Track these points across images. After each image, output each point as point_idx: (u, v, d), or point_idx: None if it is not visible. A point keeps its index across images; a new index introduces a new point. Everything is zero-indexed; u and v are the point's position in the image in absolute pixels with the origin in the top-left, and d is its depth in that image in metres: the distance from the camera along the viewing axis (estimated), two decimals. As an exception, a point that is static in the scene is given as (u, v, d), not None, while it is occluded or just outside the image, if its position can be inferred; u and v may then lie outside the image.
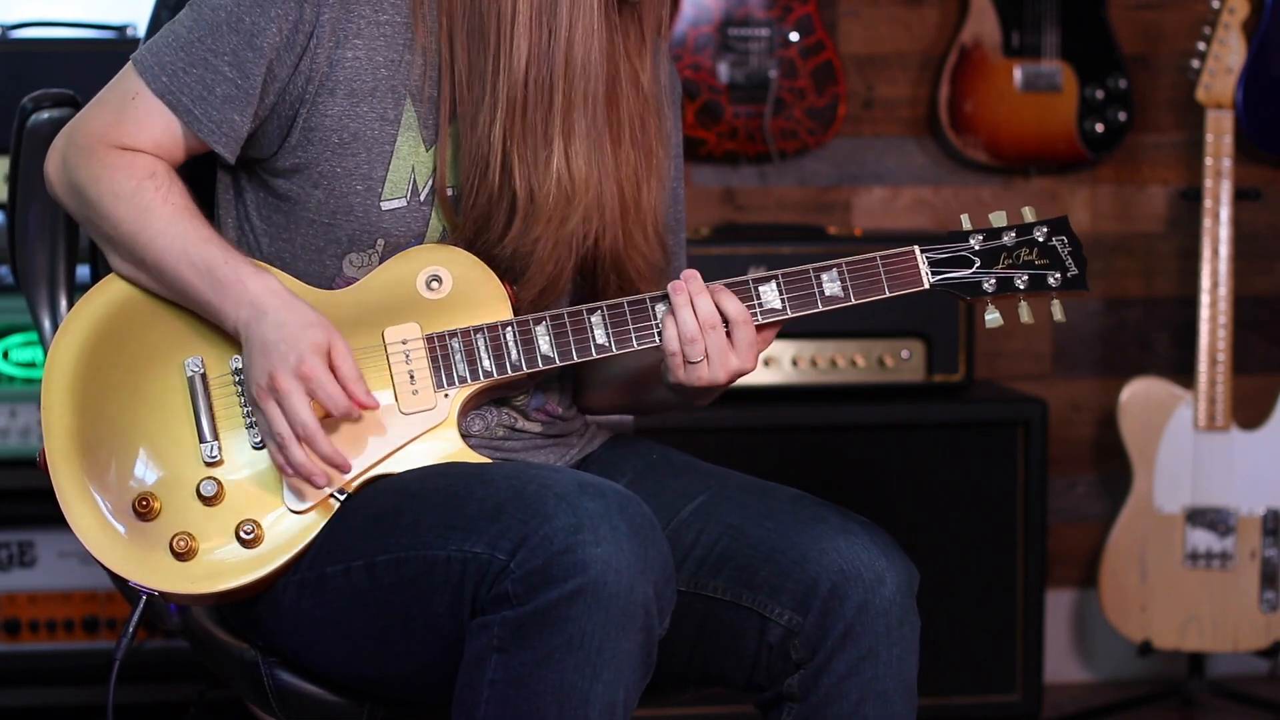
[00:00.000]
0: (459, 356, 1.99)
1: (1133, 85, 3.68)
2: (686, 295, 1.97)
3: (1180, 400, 3.53)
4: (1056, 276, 2.02)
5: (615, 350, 1.99)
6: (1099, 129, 3.68)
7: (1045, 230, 2.03)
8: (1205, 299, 3.51)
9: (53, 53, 3.31)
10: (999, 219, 2.04)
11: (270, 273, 1.96)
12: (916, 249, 2.01)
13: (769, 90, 3.55)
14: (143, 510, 1.95)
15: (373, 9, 2.00)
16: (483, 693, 1.81)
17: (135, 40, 3.29)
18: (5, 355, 3.15)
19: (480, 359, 1.99)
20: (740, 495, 2.04)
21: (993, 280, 2.01)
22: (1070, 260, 2.03)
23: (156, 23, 2.27)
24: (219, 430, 1.97)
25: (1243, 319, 3.71)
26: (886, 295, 2.00)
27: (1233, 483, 3.53)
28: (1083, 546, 3.82)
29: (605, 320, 1.99)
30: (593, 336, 1.99)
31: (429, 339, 1.99)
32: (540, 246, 1.99)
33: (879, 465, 3.34)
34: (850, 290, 2.00)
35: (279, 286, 1.94)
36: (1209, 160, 3.52)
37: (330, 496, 1.96)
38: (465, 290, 2.00)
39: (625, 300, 2.00)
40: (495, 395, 2.06)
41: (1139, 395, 3.55)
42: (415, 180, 2.02)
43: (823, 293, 2.00)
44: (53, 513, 1.98)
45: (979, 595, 3.36)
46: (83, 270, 2.27)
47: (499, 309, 2.00)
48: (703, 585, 1.99)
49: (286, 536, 1.96)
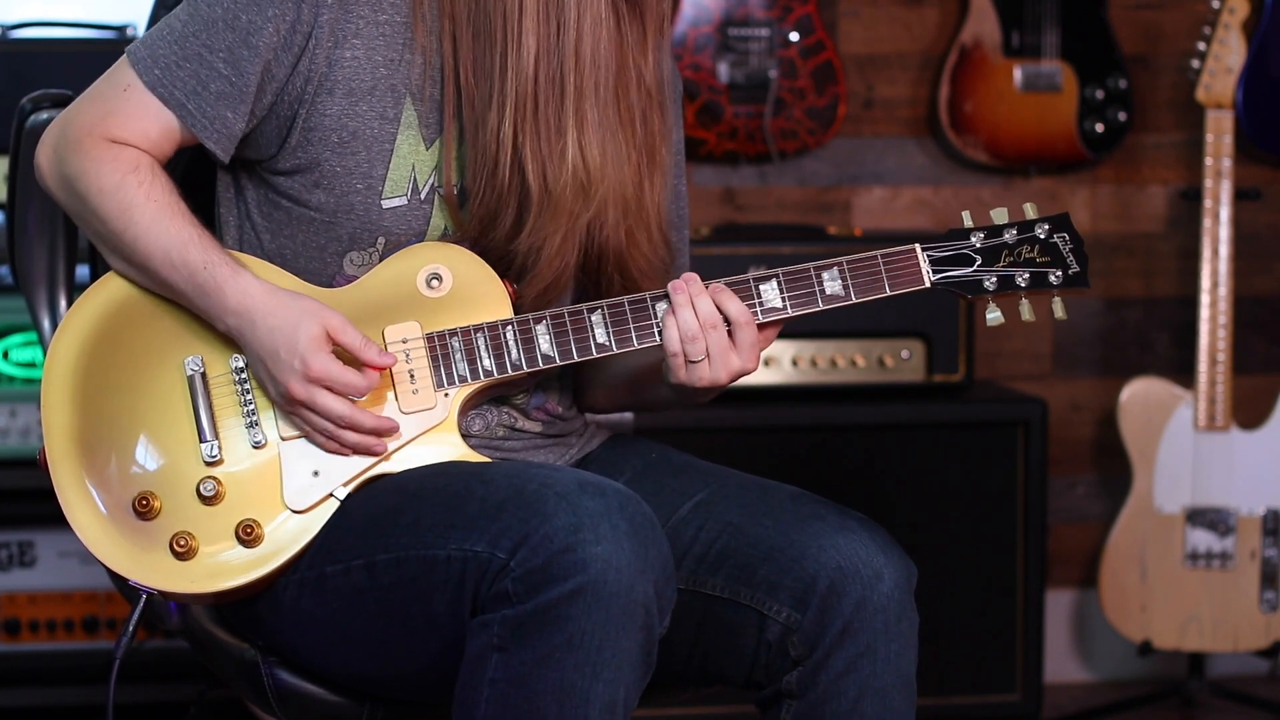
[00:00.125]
0: (459, 355, 1.99)
1: (1133, 85, 3.68)
2: (687, 295, 1.97)
3: (1180, 400, 3.53)
4: (1058, 274, 2.01)
5: (615, 349, 1.99)
6: (1099, 129, 3.68)
7: (1047, 227, 2.02)
8: (1205, 299, 3.51)
9: (53, 53, 3.31)
10: (1000, 216, 2.03)
11: (250, 272, 1.95)
12: (918, 247, 2.00)
13: (769, 90, 3.55)
14: (142, 509, 1.95)
15: (371, 9, 1.99)
16: (483, 691, 1.81)
17: (135, 40, 3.29)
18: (5, 355, 3.15)
19: (480, 358, 1.99)
20: (739, 493, 2.04)
21: (994, 278, 2.01)
22: (1072, 257, 2.02)
23: (154, 22, 2.26)
24: (219, 429, 1.97)
25: (1243, 319, 3.71)
26: (888, 294, 1.99)
27: (1233, 483, 3.52)
28: (1083, 546, 3.82)
29: (605, 319, 1.99)
30: (593, 335, 1.99)
31: (429, 338, 1.99)
32: (549, 242, 1.99)
33: (879, 465, 3.33)
34: (851, 289, 1.99)
35: (259, 288, 1.93)
36: (1209, 160, 3.52)
37: (330, 496, 1.96)
38: (465, 289, 2.00)
39: (626, 299, 1.99)
40: (495, 394, 2.06)
41: (1139, 395, 3.55)
42: (415, 178, 2.02)
43: (824, 291, 1.99)
44: (53, 513, 1.98)
45: (979, 595, 3.35)
46: (82, 270, 2.27)
47: (499, 308, 2.00)
48: (701, 583, 1.99)
49: (286, 536, 1.95)
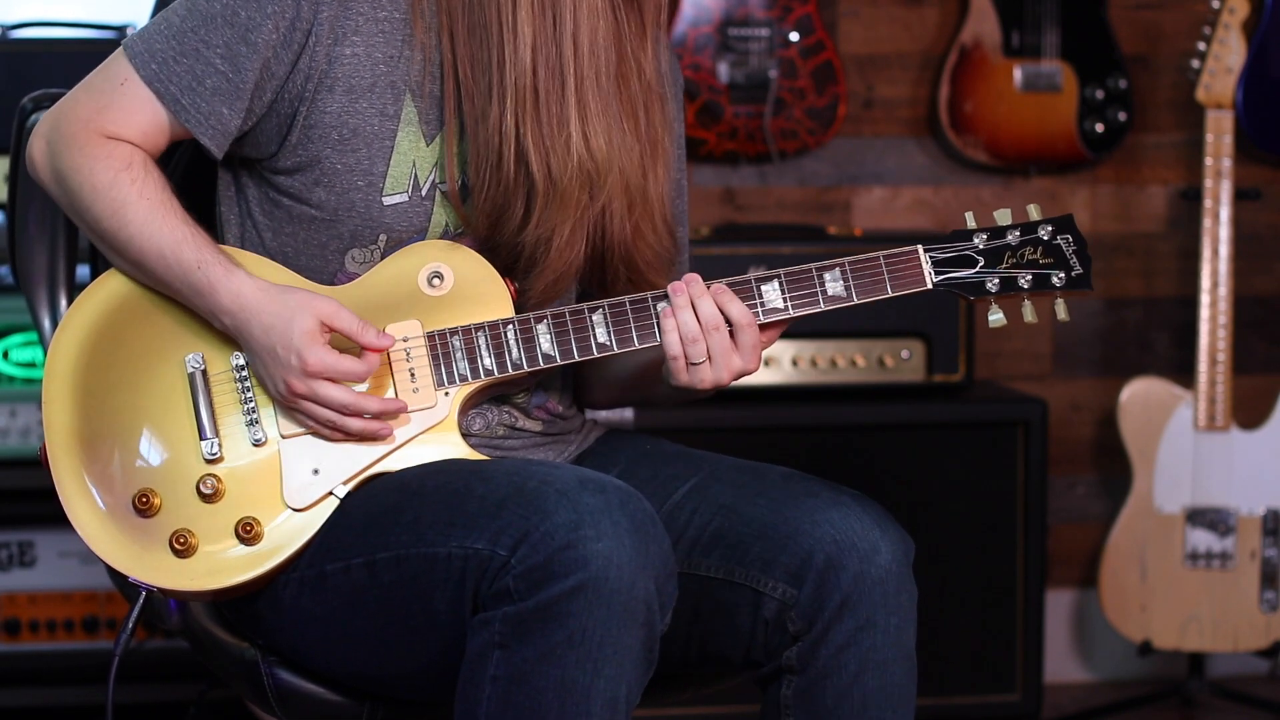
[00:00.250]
0: (460, 354, 1.98)
1: (1133, 85, 3.68)
2: (687, 296, 1.96)
3: (1180, 400, 3.53)
4: (1061, 276, 2.01)
5: (616, 349, 1.99)
6: (1099, 129, 3.68)
7: (1050, 229, 2.01)
8: (1205, 299, 3.51)
9: (53, 53, 3.30)
10: (1003, 217, 2.02)
11: (243, 270, 1.95)
12: (920, 248, 2.00)
13: (769, 90, 3.55)
14: (142, 506, 1.95)
15: (371, 6, 1.99)
16: (484, 689, 1.81)
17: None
18: (5, 355, 3.15)
19: (481, 357, 1.99)
20: (732, 475, 2.03)
21: (996, 280, 2.00)
22: (1075, 259, 2.01)
23: (156, 20, 2.26)
24: (219, 427, 1.97)
25: (1243, 319, 3.71)
26: (889, 295, 1.99)
27: (1233, 483, 3.52)
28: (1083, 546, 3.82)
29: (606, 318, 1.99)
30: (594, 335, 1.99)
31: (430, 336, 1.99)
32: (559, 233, 1.98)
33: (879, 465, 3.33)
34: (853, 290, 1.99)
35: (252, 285, 1.93)
36: (1209, 160, 3.52)
37: (330, 494, 1.96)
38: (467, 287, 2.00)
39: (627, 299, 1.99)
40: (495, 393, 2.06)
41: (1139, 395, 3.55)
42: (416, 175, 2.02)
43: (825, 292, 1.99)
44: (53, 513, 1.98)
45: (979, 595, 3.35)
46: (82, 269, 2.27)
47: (500, 306, 2.00)
48: (696, 565, 1.98)
49: (286, 534, 1.95)
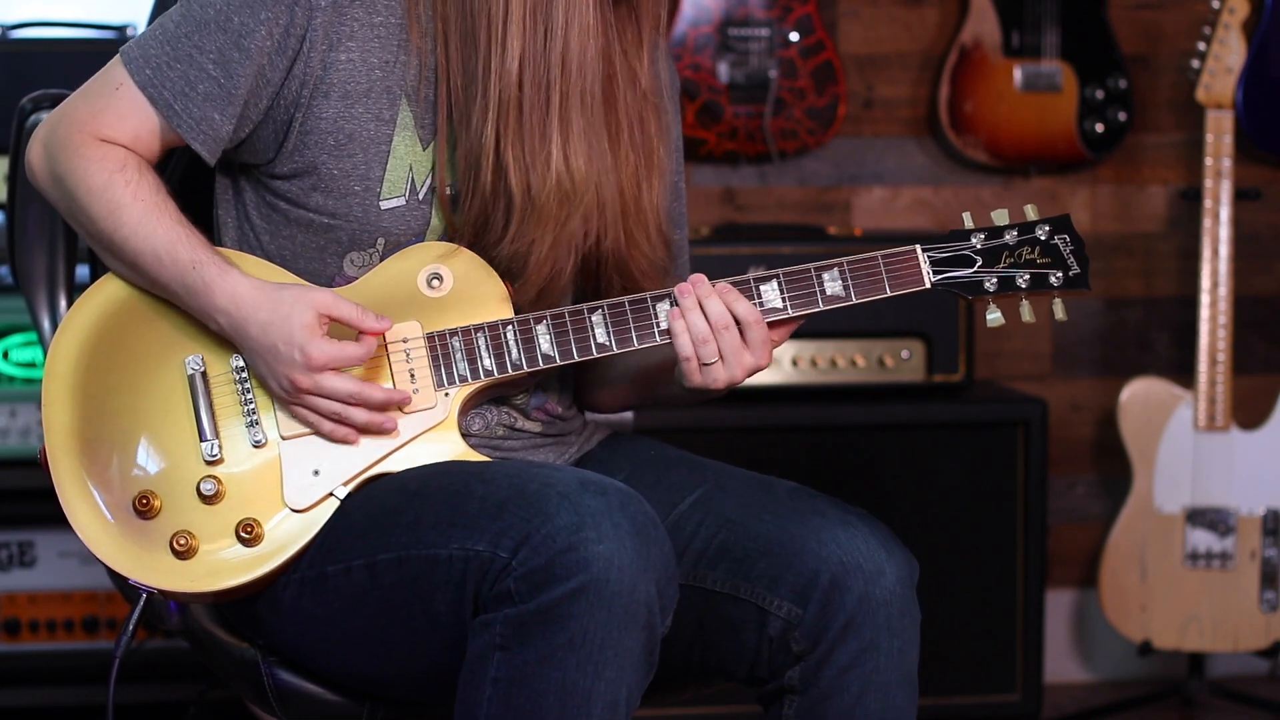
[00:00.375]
0: (459, 355, 1.99)
1: (1133, 85, 3.68)
2: (694, 298, 1.96)
3: (1180, 400, 3.53)
4: (1059, 275, 2.01)
5: (616, 349, 1.99)
6: (1099, 129, 3.68)
7: (1048, 229, 2.02)
8: (1205, 299, 3.51)
9: (53, 53, 3.31)
10: (1001, 217, 2.03)
11: (238, 269, 1.95)
12: (918, 248, 2.00)
13: (769, 90, 3.55)
14: (143, 508, 1.95)
15: (366, 11, 1.99)
16: (485, 691, 1.81)
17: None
18: (5, 355, 3.15)
19: (481, 358, 1.99)
20: (738, 488, 2.04)
21: (994, 279, 2.00)
22: (1072, 259, 2.02)
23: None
24: (219, 428, 1.97)
25: (1243, 319, 3.71)
26: (888, 294, 1.99)
27: (1233, 483, 3.52)
28: (1083, 546, 3.82)
29: (606, 319, 1.99)
30: (593, 335, 1.99)
31: (429, 337, 1.99)
32: (536, 248, 1.98)
33: (879, 465, 3.33)
34: (851, 289, 1.99)
35: (247, 285, 1.93)
36: (1209, 160, 3.52)
37: (330, 495, 1.96)
38: (466, 289, 2.00)
39: (626, 299, 1.99)
40: (495, 394, 2.06)
41: (1139, 395, 3.55)
42: (413, 179, 2.02)
43: (824, 292, 1.99)
44: (53, 513, 1.98)
45: (979, 595, 3.35)
46: (82, 270, 2.27)
47: (500, 308, 2.00)
48: (701, 578, 1.98)
49: (286, 535, 1.95)
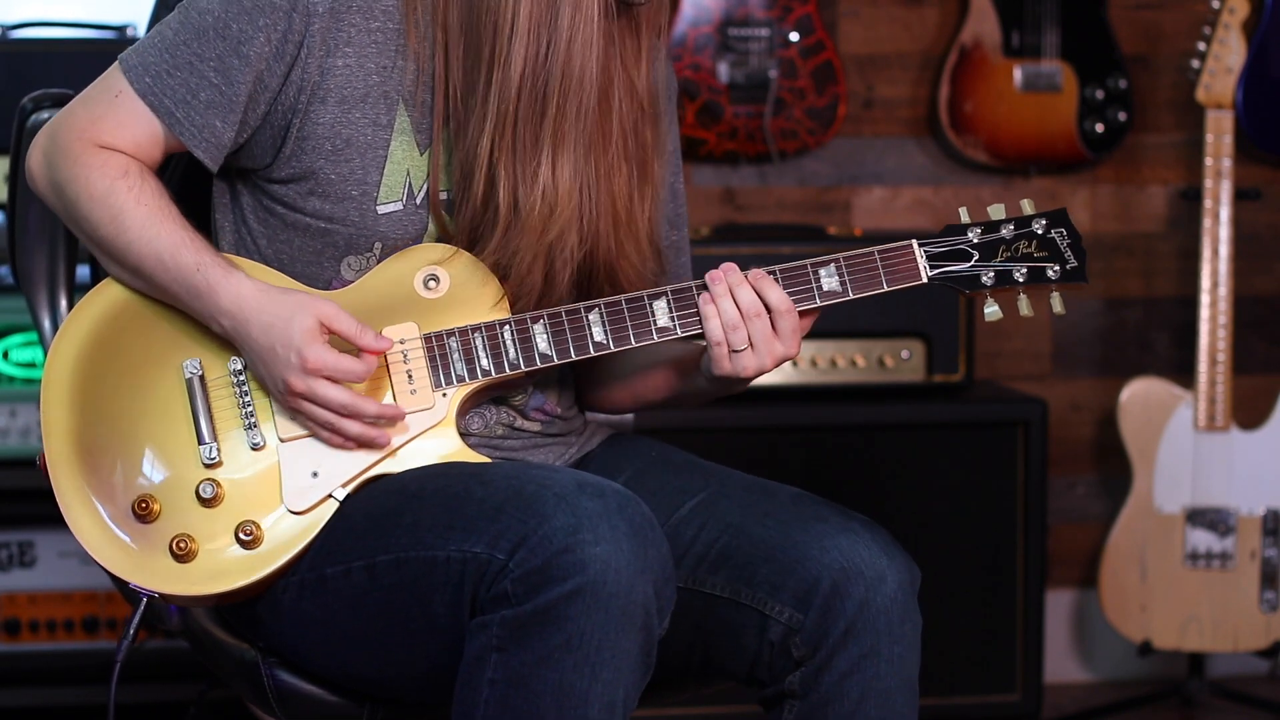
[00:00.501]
0: (457, 356, 1.99)
1: (1133, 85, 3.68)
2: (725, 285, 1.97)
3: (1180, 400, 3.53)
4: (1055, 269, 2.01)
5: (613, 348, 1.99)
6: (1099, 129, 3.68)
7: (1044, 222, 2.02)
8: (1205, 299, 3.51)
9: (53, 53, 3.31)
10: (997, 211, 2.03)
11: (242, 272, 1.95)
12: (914, 243, 2.00)
13: (769, 90, 3.55)
14: (142, 512, 1.95)
15: (363, 16, 1.99)
16: (482, 692, 1.81)
17: (135, 40, 3.29)
18: (5, 355, 3.15)
19: (478, 358, 1.99)
20: (740, 493, 2.04)
21: (991, 274, 2.01)
22: (1069, 252, 2.02)
23: (155, 24, 2.26)
24: (218, 432, 1.97)
25: (1243, 319, 3.71)
26: (885, 289, 2.00)
27: (1233, 483, 3.52)
28: (1083, 546, 3.82)
29: (603, 318, 1.99)
30: (590, 335, 1.99)
31: (426, 338, 1.99)
32: (519, 260, 1.98)
33: (879, 465, 3.33)
34: (848, 285, 1.99)
35: (251, 287, 1.93)
36: (1209, 160, 3.52)
37: (329, 497, 1.96)
38: (463, 290, 2.00)
39: (623, 298, 1.99)
40: (494, 394, 2.06)
41: (1139, 395, 3.55)
42: (411, 184, 2.02)
43: (820, 288, 1.99)
44: (53, 513, 1.98)
45: (979, 595, 3.35)
46: (82, 270, 2.27)
47: (497, 309, 2.00)
48: (702, 583, 1.99)
49: (286, 537, 1.96)
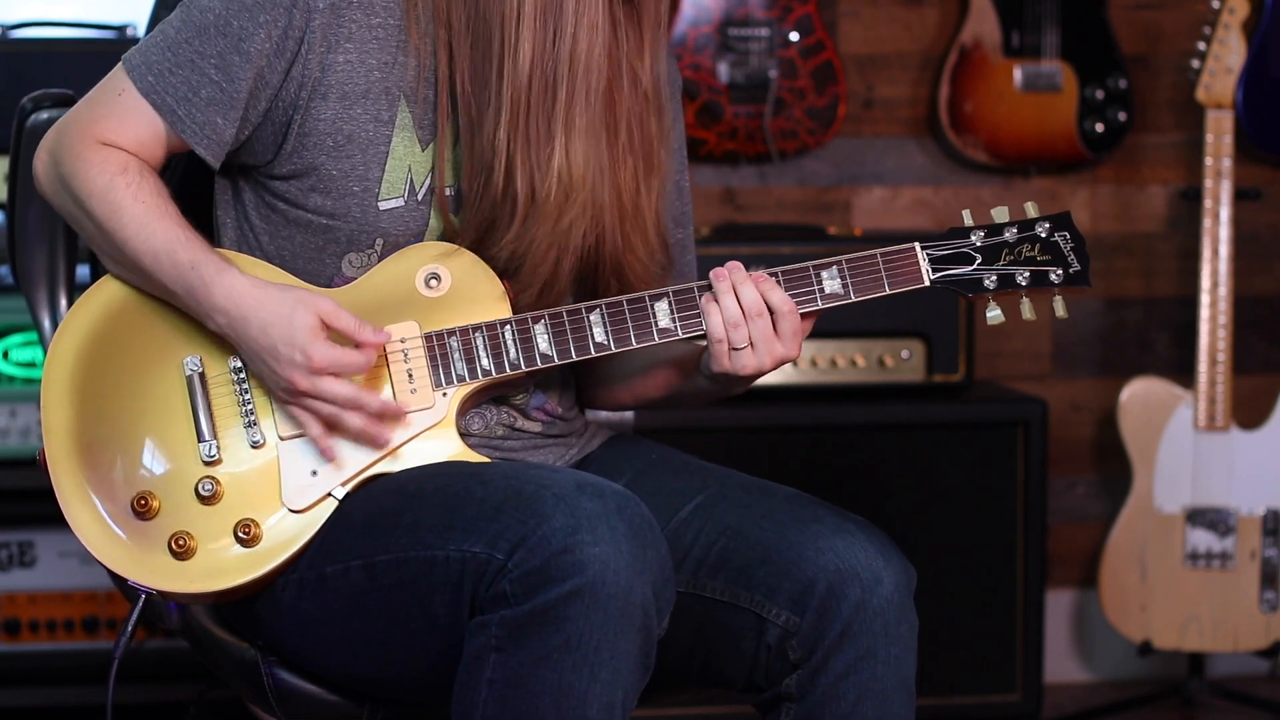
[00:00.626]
0: (457, 355, 1.99)
1: (1133, 85, 3.68)
2: (729, 282, 1.97)
3: (1180, 400, 3.53)
4: (1059, 273, 2.01)
5: (614, 348, 1.99)
6: (1099, 129, 3.68)
7: (1048, 226, 2.02)
8: (1205, 299, 3.51)
9: (53, 53, 3.31)
10: (1001, 214, 2.03)
11: (236, 268, 1.95)
12: (917, 246, 2.00)
13: (769, 90, 3.55)
14: (141, 509, 1.95)
15: (364, 12, 1.99)
16: (481, 692, 1.81)
17: (135, 40, 3.29)
18: (5, 355, 3.15)
19: (479, 358, 1.99)
20: (739, 495, 2.04)
21: (994, 277, 2.01)
22: (1072, 256, 2.02)
23: (155, 23, 2.27)
24: (218, 429, 1.97)
25: (1243, 319, 3.71)
26: (887, 292, 2.00)
27: (1233, 483, 3.52)
28: (1083, 546, 3.82)
29: (604, 319, 1.99)
30: (591, 335, 1.99)
31: (427, 338, 1.99)
32: (535, 248, 1.98)
33: (879, 465, 3.33)
34: (850, 287, 1.99)
35: (245, 284, 1.93)
36: (1209, 160, 3.52)
37: (329, 495, 1.96)
38: (464, 289, 2.00)
39: (624, 299, 1.99)
40: (494, 394, 2.06)
41: (1139, 395, 3.55)
42: (412, 180, 2.02)
43: (822, 290, 1.99)
44: (53, 513, 1.98)
45: (979, 595, 3.35)
46: (82, 270, 2.27)
47: (498, 308, 2.00)
48: (701, 586, 1.98)
49: (285, 536, 1.95)
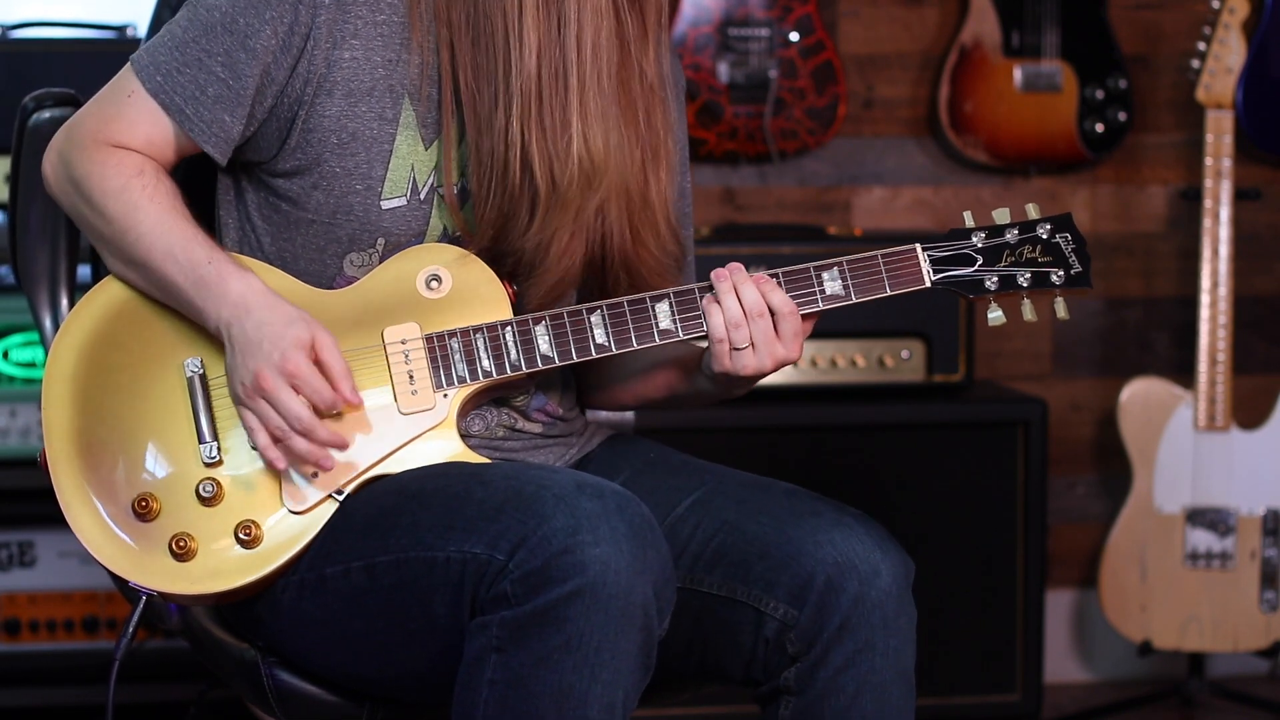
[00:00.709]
0: (458, 356, 1.99)
1: (1133, 85, 3.68)
2: (730, 283, 1.97)
3: (1180, 400, 3.53)
4: (1060, 274, 2.01)
5: (615, 350, 1.99)
6: (1099, 129, 3.68)
7: (1049, 227, 2.02)
8: (1205, 299, 3.51)
9: (53, 53, 3.31)
10: (1002, 216, 2.03)
11: (254, 273, 1.95)
12: (918, 247, 2.00)
13: (769, 90, 3.55)
14: (142, 511, 1.95)
15: (369, 9, 1.99)
16: (481, 693, 1.81)
17: (135, 40, 3.29)
18: (5, 355, 3.15)
19: (479, 359, 1.99)
20: (736, 490, 2.04)
21: (995, 278, 2.01)
22: (1074, 257, 2.02)
23: (157, 23, 2.27)
24: (218, 431, 1.97)
25: (1243, 319, 3.71)
26: (888, 294, 1.99)
27: (1233, 483, 3.53)
28: (1083, 546, 3.82)
29: (605, 320, 1.99)
30: (592, 336, 1.99)
31: (428, 339, 1.99)
32: (559, 237, 1.98)
33: (879, 465, 3.33)
34: (851, 289, 1.99)
35: (262, 287, 1.94)
36: (1209, 160, 3.52)
37: (329, 497, 1.96)
38: (465, 290, 2.00)
39: (625, 300, 1.99)
40: (495, 395, 2.06)
41: (1139, 395, 3.55)
42: (415, 179, 2.02)
43: (823, 291, 1.99)
44: (53, 513, 1.98)
45: (979, 595, 3.35)
46: (83, 270, 2.27)
47: (499, 309, 2.00)
48: (699, 581, 1.99)
49: (285, 537, 1.95)
